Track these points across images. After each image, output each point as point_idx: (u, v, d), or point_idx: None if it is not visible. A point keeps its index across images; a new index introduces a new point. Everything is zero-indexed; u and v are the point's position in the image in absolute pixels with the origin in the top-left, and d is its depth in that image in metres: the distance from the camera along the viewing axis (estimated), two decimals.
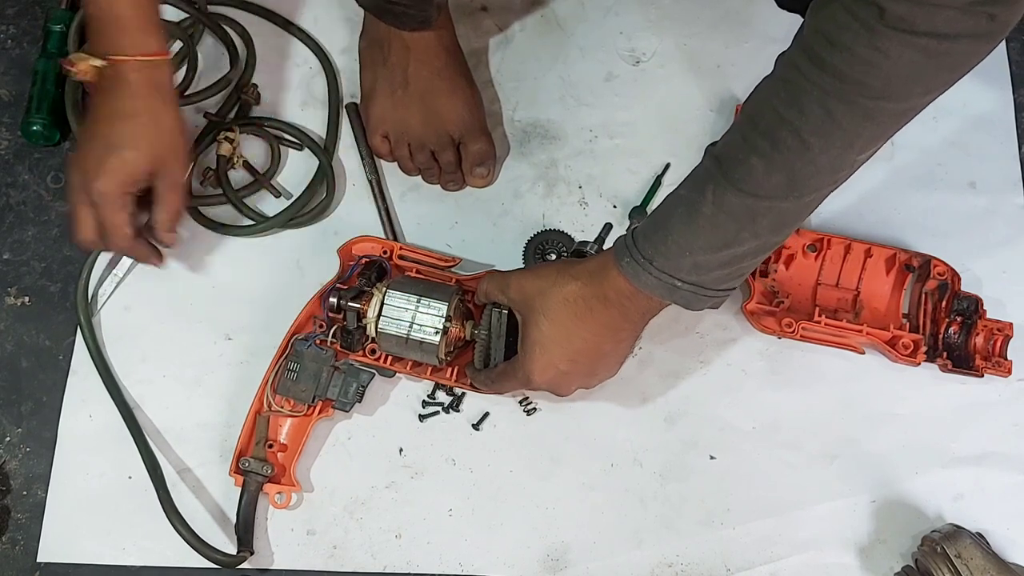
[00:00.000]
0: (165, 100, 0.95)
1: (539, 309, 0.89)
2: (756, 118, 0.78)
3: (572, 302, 0.88)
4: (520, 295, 0.92)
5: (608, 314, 0.88)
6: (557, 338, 0.89)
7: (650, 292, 0.84)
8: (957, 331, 1.04)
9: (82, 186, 0.95)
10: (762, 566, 0.99)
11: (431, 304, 0.95)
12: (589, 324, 0.88)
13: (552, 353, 0.90)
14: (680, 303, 0.85)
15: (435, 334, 0.95)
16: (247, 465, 0.96)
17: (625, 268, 0.84)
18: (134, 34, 0.92)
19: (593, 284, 0.88)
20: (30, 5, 1.19)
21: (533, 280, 0.91)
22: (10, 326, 1.06)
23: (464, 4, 1.18)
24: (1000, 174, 1.13)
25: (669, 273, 0.82)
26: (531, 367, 0.91)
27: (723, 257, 0.82)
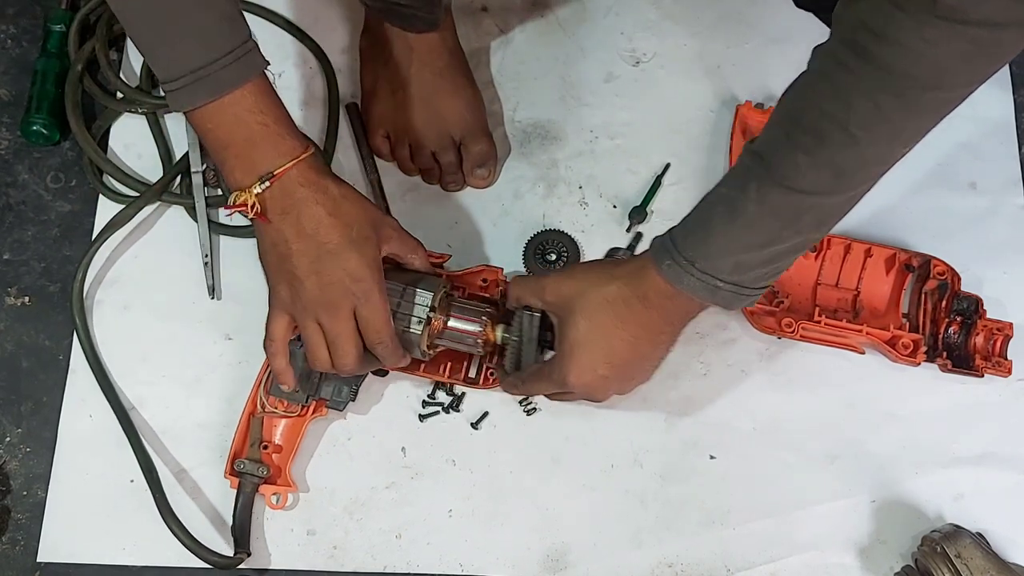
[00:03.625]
0: (337, 183, 0.88)
1: (578, 310, 0.88)
2: (798, 114, 0.76)
3: (612, 303, 0.87)
4: (557, 297, 0.91)
5: (649, 315, 0.87)
6: (596, 340, 0.88)
7: (691, 294, 0.83)
8: (957, 331, 1.03)
9: (315, 314, 0.88)
10: (762, 566, 0.99)
11: (417, 293, 0.93)
12: (629, 325, 0.87)
13: (591, 355, 0.88)
14: (720, 304, 0.84)
15: (418, 323, 0.93)
16: (242, 467, 0.96)
17: (666, 270, 0.83)
18: (277, 143, 0.85)
19: (633, 285, 0.86)
20: (30, 5, 1.19)
21: (570, 282, 0.90)
22: (10, 326, 1.06)
23: (465, 5, 1.18)
24: (1000, 174, 1.13)
25: (711, 274, 0.81)
26: (568, 369, 0.89)
27: (765, 255, 0.81)
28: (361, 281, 0.87)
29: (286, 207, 0.86)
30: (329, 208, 0.86)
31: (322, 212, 0.86)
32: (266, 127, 0.84)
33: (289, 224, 0.86)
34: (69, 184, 1.11)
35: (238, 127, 0.83)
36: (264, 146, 0.84)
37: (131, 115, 1.12)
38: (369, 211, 0.90)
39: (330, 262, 0.86)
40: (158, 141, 1.11)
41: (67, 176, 1.12)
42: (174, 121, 1.12)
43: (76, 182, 1.11)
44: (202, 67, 0.81)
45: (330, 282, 0.86)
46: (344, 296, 0.87)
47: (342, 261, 0.86)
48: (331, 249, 0.86)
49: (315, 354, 0.89)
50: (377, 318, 0.88)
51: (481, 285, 1.02)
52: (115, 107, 1.12)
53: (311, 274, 0.86)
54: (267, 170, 0.85)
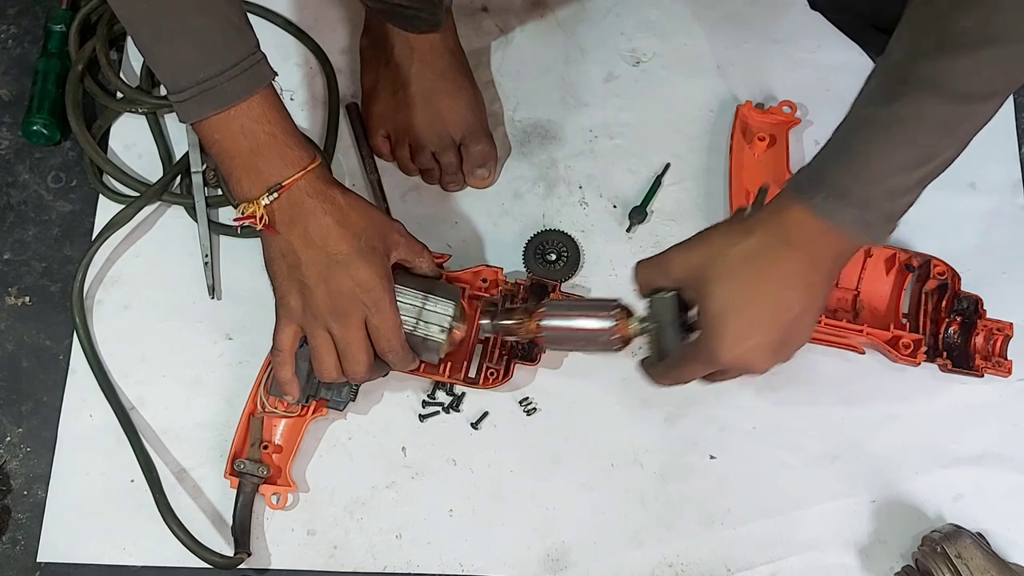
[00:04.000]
0: (344, 192, 0.88)
1: (714, 277, 0.81)
2: (948, 21, 0.72)
3: (752, 258, 0.80)
4: (686, 271, 0.84)
5: (795, 263, 0.80)
6: (741, 303, 0.81)
7: (845, 229, 0.78)
8: (957, 331, 1.03)
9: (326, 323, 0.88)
10: (762, 566, 0.99)
11: (438, 302, 0.95)
12: (775, 279, 0.80)
13: (740, 323, 0.81)
14: (871, 239, 0.80)
15: (441, 332, 0.94)
16: (242, 467, 0.96)
17: (818, 206, 0.78)
18: (284, 153, 0.84)
19: (773, 232, 0.80)
20: (31, 5, 1.19)
21: (698, 248, 0.84)
22: (10, 326, 1.06)
23: (465, 5, 1.18)
24: (1000, 174, 1.13)
25: (865, 204, 0.77)
26: (716, 343, 0.81)
27: (915, 177, 0.77)
28: (371, 291, 0.87)
29: (294, 217, 0.85)
30: (337, 218, 0.86)
31: (330, 222, 0.86)
32: (273, 137, 0.83)
33: (297, 235, 0.86)
34: (69, 184, 1.11)
35: (244, 138, 0.83)
36: (271, 156, 0.84)
37: (131, 115, 1.12)
38: (376, 220, 0.89)
39: (339, 272, 0.86)
40: (158, 141, 1.11)
41: (67, 176, 1.12)
42: (174, 121, 1.12)
43: (76, 182, 1.11)
44: (209, 79, 0.80)
45: (340, 291, 0.86)
46: (355, 305, 0.87)
47: (352, 271, 0.86)
48: (340, 259, 0.86)
49: (323, 362, 0.89)
50: (388, 327, 0.88)
51: (481, 285, 1.02)
52: (115, 107, 1.12)
53: (321, 283, 0.86)
54: (275, 181, 0.84)
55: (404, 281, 0.95)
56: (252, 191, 0.85)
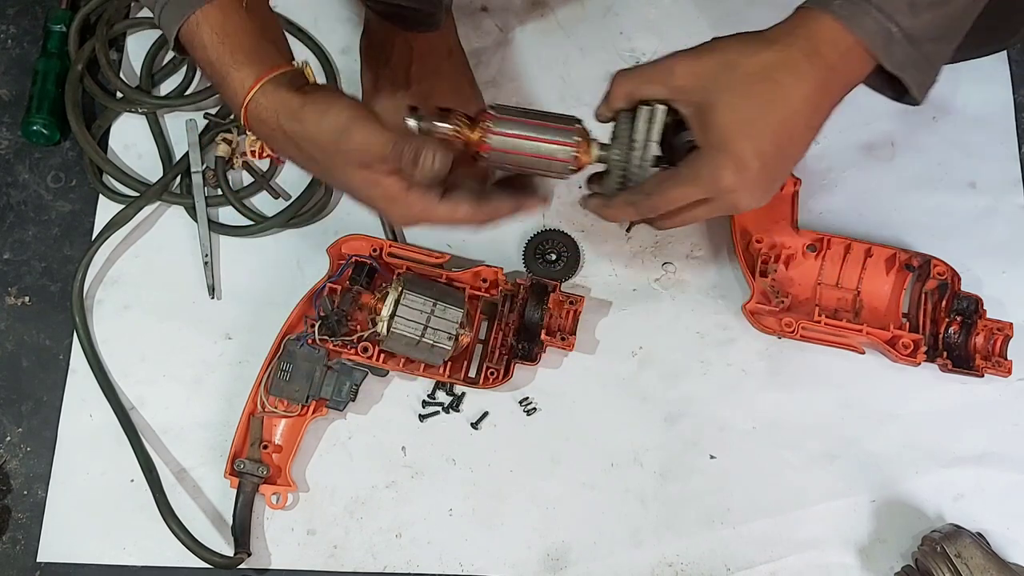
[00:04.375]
0: (298, 103, 0.78)
1: (728, 87, 0.75)
2: None
3: (773, 69, 0.74)
4: (694, 79, 0.76)
5: (816, 77, 0.74)
6: (757, 118, 0.74)
7: (868, 40, 0.73)
8: (957, 331, 1.03)
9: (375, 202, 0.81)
10: (762, 566, 0.99)
11: (447, 310, 0.95)
12: (795, 93, 0.74)
13: (752, 141, 0.74)
14: (891, 64, 0.75)
15: (449, 340, 0.95)
16: (242, 467, 0.96)
17: (840, 10, 0.73)
18: (231, 75, 0.78)
19: (797, 43, 0.74)
20: (30, 5, 1.19)
21: (711, 55, 0.77)
22: (10, 326, 1.06)
23: (464, 4, 1.18)
24: (1000, 174, 1.13)
25: (887, 13, 0.72)
26: (722, 164, 0.75)
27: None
28: (357, 201, 0.81)
29: (268, 135, 0.80)
30: (294, 139, 0.79)
31: (291, 146, 0.79)
32: (231, 54, 0.77)
33: (281, 149, 0.81)
34: (69, 184, 1.11)
35: (211, 51, 0.77)
36: (226, 79, 0.78)
37: (131, 115, 1.12)
38: (327, 137, 0.78)
39: (329, 180, 0.83)
40: (158, 141, 1.11)
41: (67, 176, 1.12)
42: (174, 121, 1.12)
43: (76, 182, 1.11)
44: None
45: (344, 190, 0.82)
46: (359, 200, 0.82)
47: (333, 185, 0.82)
48: (317, 175, 0.82)
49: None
50: (433, 221, 0.81)
51: (481, 285, 1.02)
52: (115, 107, 1.12)
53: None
54: (236, 105, 0.79)
55: (414, 288, 0.96)
56: (234, 111, 0.81)
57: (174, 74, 1.14)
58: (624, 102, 0.80)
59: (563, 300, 1.02)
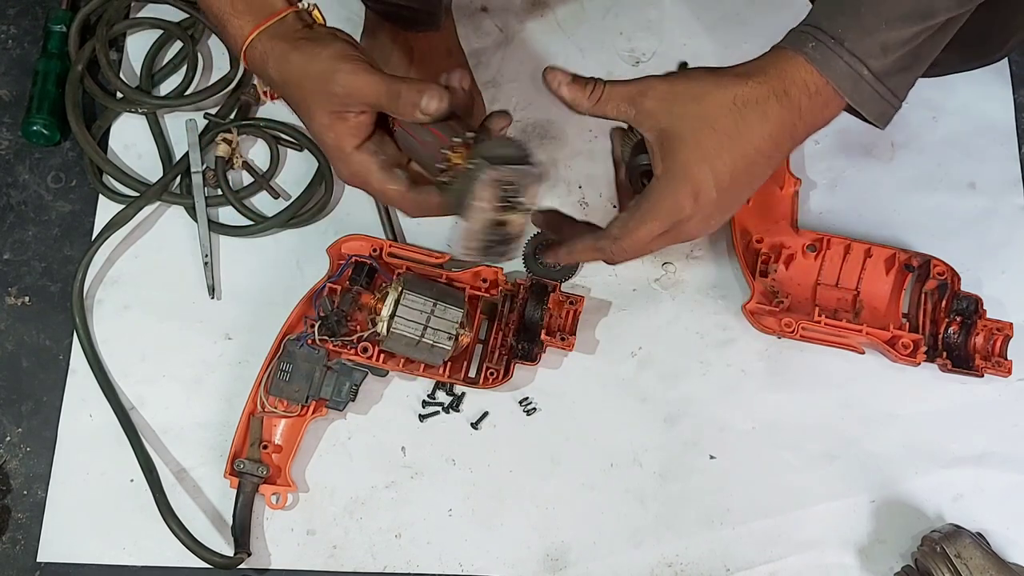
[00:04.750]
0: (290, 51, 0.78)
1: (695, 116, 0.75)
2: None
3: (744, 105, 0.75)
4: (663, 104, 0.77)
5: (785, 116, 0.76)
6: (720, 150, 0.75)
7: (836, 83, 0.75)
8: (957, 331, 1.03)
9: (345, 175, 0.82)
10: (762, 566, 0.99)
11: (447, 310, 0.96)
12: (760, 130, 0.76)
13: (714, 169, 0.75)
14: (857, 102, 0.77)
15: (448, 340, 0.95)
16: (242, 467, 0.96)
17: (812, 53, 0.75)
18: (230, 22, 0.80)
19: (769, 81, 0.76)
20: (31, 5, 1.19)
21: (683, 85, 0.77)
22: (10, 326, 1.06)
23: (464, 4, 1.18)
24: (1000, 174, 1.13)
25: (859, 57, 0.74)
26: (684, 188, 0.75)
27: (912, 32, 0.75)
28: (341, 178, 0.83)
29: (268, 81, 0.82)
30: (281, 90, 0.81)
31: (280, 91, 0.81)
32: (231, 2, 0.79)
33: (279, 94, 0.83)
34: (69, 184, 1.11)
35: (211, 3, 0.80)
36: (230, 23, 0.80)
37: (131, 115, 1.12)
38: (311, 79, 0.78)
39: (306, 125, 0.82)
40: (158, 141, 1.11)
41: (67, 176, 1.12)
42: (174, 121, 1.12)
43: (76, 182, 1.11)
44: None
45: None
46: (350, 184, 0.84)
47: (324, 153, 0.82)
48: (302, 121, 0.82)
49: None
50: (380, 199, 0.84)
51: (481, 285, 1.02)
52: (115, 107, 1.12)
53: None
54: (237, 50, 0.81)
55: (414, 288, 0.96)
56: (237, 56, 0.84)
57: (174, 74, 1.14)
58: (591, 109, 0.80)
59: (563, 300, 1.02)
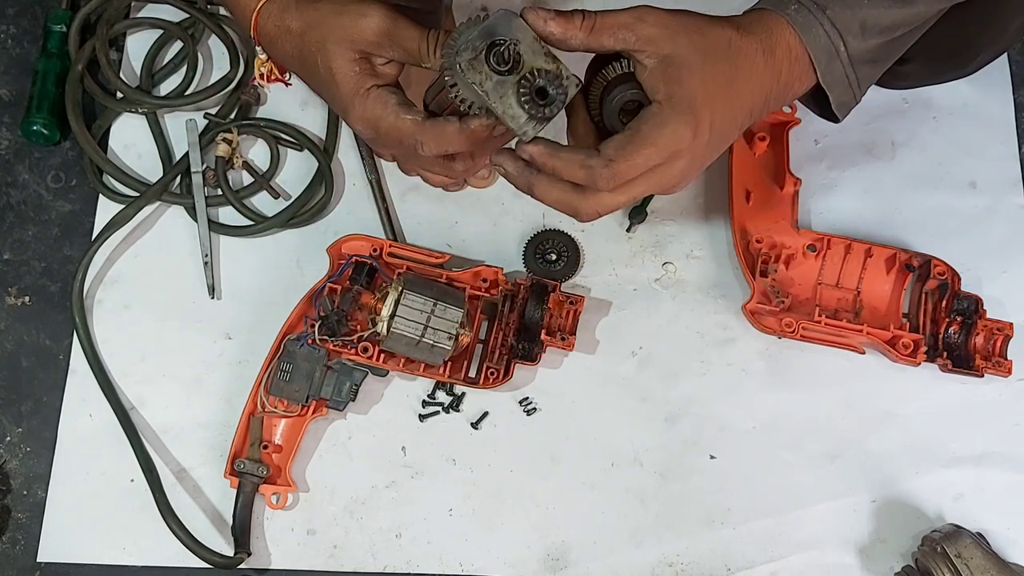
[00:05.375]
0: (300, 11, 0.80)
1: (698, 49, 0.73)
2: None
3: (737, 53, 0.74)
4: (665, 31, 0.73)
5: (767, 75, 0.75)
6: (719, 93, 0.73)
7: (814, 53, 0.75)
8: (957, 331, 1.03)
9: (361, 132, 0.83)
10: (762, 566, 0.99)
11: (447, 310, 0.96)
12: (749, 83, 0.75)
13: (714, 109, 0.73)
14: (828, 82, 0.76)
15: (449, 340, 0.95)
16: (242, 467, 0.96)
17: (795, 16, 0.74)
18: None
19: (757, 36, 0.75)
20: (30, 5, 1.19)
21: (683, 17, 0.74)
22: (10, 326, 1.06)
23: (464, 4, 1.18)
24: (1000, 174, 1.13)
25: (839, 29, 0.74)
26: (688, 120, 0.72)
27: (892, 17, 0.75)
28: (356, 124, 0.82)
29: (280, 58, 0.83)
30: (296, 50, 0.81)
31: (293, 61, 0.82)
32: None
33: (294, 73, 0.84)
34: (69, 184, 1.11)
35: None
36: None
37: (131, 115, 1.12)
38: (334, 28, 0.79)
39: (334, 109, 0.83)
40: (158, 141, 1.11)
41: (67, 176, 1.12)
42: (174, 121, 1.12)
43: (76, 182, 1.11)
44: None
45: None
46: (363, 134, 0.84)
47: (338, 111, 0.83)
48: (325, 99, 0.83)
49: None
50: (395, 137, 0.80)
51: (481, 285, 1.02)
52: (115, 107, 1.12)
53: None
54: (245, 25, 0.82)
55: (414, 288, 0.96)
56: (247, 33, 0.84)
57: (174, 74, 1.14)
58: (585, 41, 0.74)
59: (563, 300, 1.02)
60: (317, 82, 0.82)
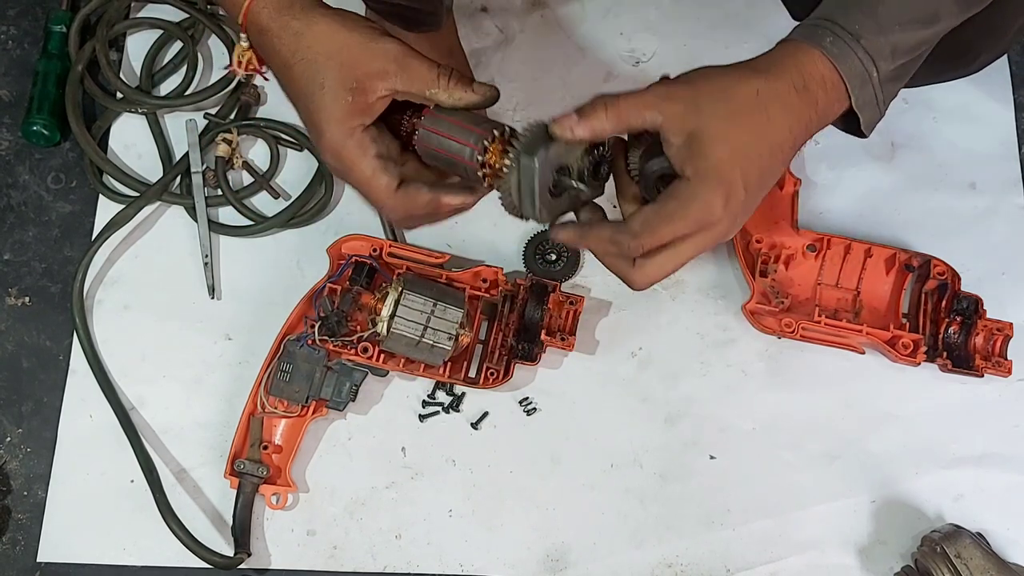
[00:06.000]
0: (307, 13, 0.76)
1: (723, 116, 0.72)
2: None
3: (767, 100, 0.73)
4: (692, 106, 0.73)
5: (803, 109, 0.74)
6: (749, 148, 0.73)
7: (848, 80, 0.74)
8: (957, 331, 1.03)
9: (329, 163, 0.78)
10: (762, 566, 0.99)
11: (447, 310, 0.96)
12: (783, 125, 0.74)
13: (745, 168, 0.73)
14: (859, 104, 0.76)
15: (449, 340, 0.95)
16: (242, 467, 0.96)
17: (830, 48, 0.74)
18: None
19: (788, 74, 0.74)
20: (31, 6, 1.19)
21: (705, 84, 0.74)
22: (11, 326, 1.06)
23: (464, 5, 1.18)
24: (1000, 174, 1.13)
25: (872, 56, 0.75)
26: (717, 189, 0.72)
27: (918, 37, 0.76)
28: (325, 152, 0.77)
29: (267, 53, 0.76)
30: (289, 50, 0.75)
31: (281, 60, 0.75)
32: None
33: (274, 73, 0.77)
34: (69, 185, 1.11)
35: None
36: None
37: (131, 115, 1.12)
38: (342, 47, 0.74)
39: (305, 122, 0.77)
40: (158, 141, 1.11)
41: (67, 177, 1.12)
42: (174, 121, 1.12)
43: (76, 183, 1.11)
44: None
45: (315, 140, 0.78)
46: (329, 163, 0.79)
47: (309, 126, 0.76)
48: (299, 109, 0.77)
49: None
50: (361, 190, 0.77)
51: (481, 285, 1.02)
52: (115, 107, 1.12)
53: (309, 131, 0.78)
54: (235, 15, 0.77)
55: (414, 288, 0.96)
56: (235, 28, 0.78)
57: (174, 74, 1.14)
58: (615, 128, 0.75)
59: (563, 300, 1.02)
60: (296, 90, 0.77)
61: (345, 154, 0.76)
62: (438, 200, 0.78)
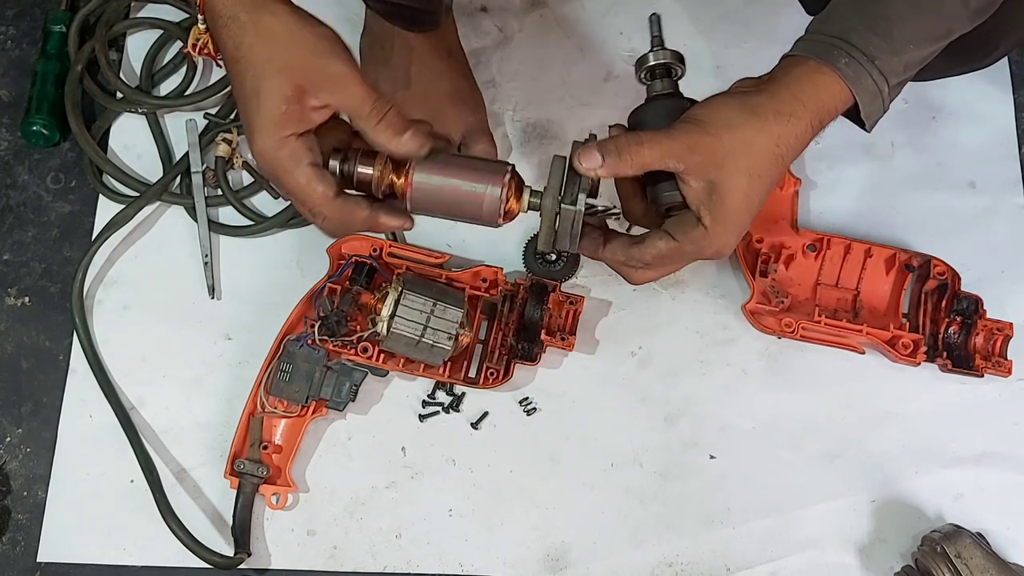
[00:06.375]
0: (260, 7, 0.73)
1: (743, 170, 0.75)
2: None
3: (787, 147, 0.76)
4: (715, 159, 0.75)
5: (811, 135, 0.77)
6: (763, 193, 0.77)
7: (860, 98, 0.76)
8: (957, 331, 1.03)
9: (259, 165, 0.76)
10: (762, 566, 0.99)
11: (447, 310, 0.96)
12: (793, 154, 0.77)
13: (755, 208, 0.77)
14: (867, 113, 0.78)
15: (448, 340, 0.95)
16: (242, 467, 0.96)
17: (846, 70, 0.75)
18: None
19: (808, 114, 0.76)
20: (30, 6, 1.19)
21: (728, 135, 0.75)
22: (10, 327, 1.06)
23: (464, 4, 1.18)
24: (1000, 174, 1.13)
25: (885, 75, 0.76)
26: (730, 229, 0.77)
27: (931, 50, 0.77)
28: (257, 158, 0.75)
29: (217, 41, 0.74)
30: (234, 44, 0.72)
31: (227, 53, 0.73)
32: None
33: (224, 64, 0.75)
34: (69, 185, 1.11)
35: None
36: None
37: (131, 115, 1.12)
38: (281, 48, 0.72)
39: (243, 124, 0.75)
40: (158, 141, 1.11)
41: (67, 177, 1.12)
42: (174, 121, 1.12)
43: (76, 183, 1.11)
44: None
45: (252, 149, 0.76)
46: (263, 169, 0.76)
47: (245, 129, 0.74)
48: (238, 108, 0.75)
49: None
50: (295, 197, 0.75)
51: (481, 285, 1.02)
52: (115, 107, 1.12)
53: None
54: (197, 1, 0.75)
55: (414, 288, 0.96)
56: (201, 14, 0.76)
57: (174, 74, 1.14)
58: (636, 172, 0.78)
59: (563, 300, 1.02)
60: (235, 89, 0.75)
61: (277, 163, 0.75)
62: (376, 218, 0.78)
